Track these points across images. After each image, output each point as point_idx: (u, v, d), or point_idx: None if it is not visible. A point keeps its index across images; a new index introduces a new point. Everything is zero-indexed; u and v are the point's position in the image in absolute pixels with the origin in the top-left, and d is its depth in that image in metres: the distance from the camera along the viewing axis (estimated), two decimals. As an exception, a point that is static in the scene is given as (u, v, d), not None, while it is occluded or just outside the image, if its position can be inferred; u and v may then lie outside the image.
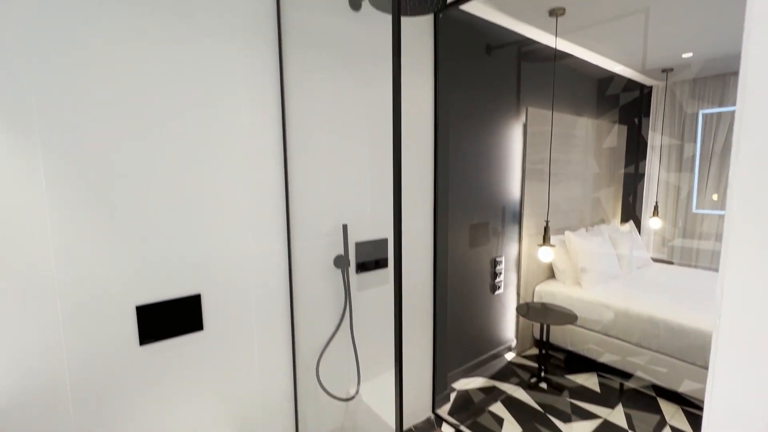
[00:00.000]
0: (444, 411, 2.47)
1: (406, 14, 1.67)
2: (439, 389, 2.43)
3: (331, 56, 1.73)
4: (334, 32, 1.73)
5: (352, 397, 1.97)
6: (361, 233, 1.94)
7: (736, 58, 0.60)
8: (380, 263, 2.04)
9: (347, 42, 1.78)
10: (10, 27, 1.08)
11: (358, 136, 1.87)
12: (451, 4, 2.08)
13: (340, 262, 1.86)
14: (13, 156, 1.10)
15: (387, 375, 2.11)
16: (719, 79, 3.57)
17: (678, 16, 2.45)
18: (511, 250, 3.10)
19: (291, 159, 1.65)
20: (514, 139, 2.96)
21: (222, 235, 1.50)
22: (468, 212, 2.67)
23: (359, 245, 1.93)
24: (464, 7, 2.31)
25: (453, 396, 2.63)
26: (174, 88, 1.35)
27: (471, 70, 2.55)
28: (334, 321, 1.89)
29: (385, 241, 2.04)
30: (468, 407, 2.53)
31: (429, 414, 2.42)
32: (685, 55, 3.20)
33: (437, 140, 2.19)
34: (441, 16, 2.15)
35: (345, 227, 1.82)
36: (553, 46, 2.97)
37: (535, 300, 3.26)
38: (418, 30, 2.06)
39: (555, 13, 2.50)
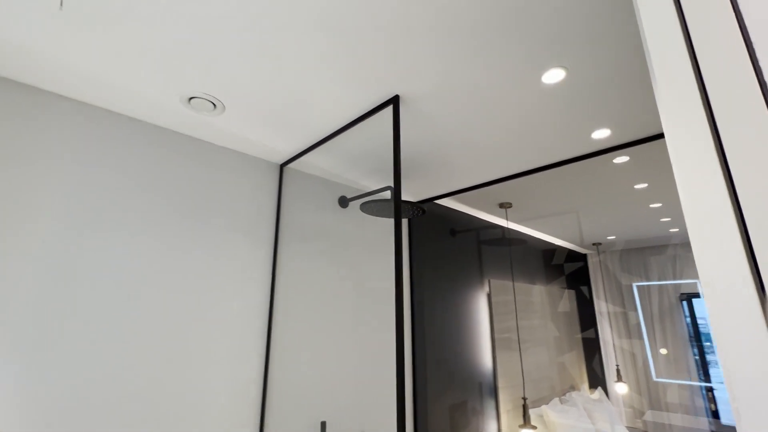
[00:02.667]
0: None
1: (389, 216, 1.93)
2: None
3: (320, 246, 1.89)
4: (325, 226, 1.94)
5: None
6: (338, 429, 1.75)
7: (648, 240, 0.74)
8: (358, 466, 1.79)
9: (335, 234, 1.97)
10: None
11: (343, 323, 1.89)
12: (427, 200, 2.47)
13: (315, 470, 1.61)
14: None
15: None
16: (640, 252, 4.22)
17: (599, 215, 3.04)
18: (490, 429, 2.88)
19: (273, 353, 1.60)
20: (481, 309, 3.11)
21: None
22: (446, 391, 2.55)
23: (336, 445, 1.73)
24: (433, 201, 2.73)
25: None
26: (179, 280, 1.37)
27: (439, 250, 2.85)
28: None
29: (363, 437, 1.84)
30: None
31: None
32: (610, 237, 3.83)
33: (414, 319, 2.25)
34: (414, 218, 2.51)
35: (323, 425, 1.66)
36: (505, 228, 3.46)
37: (523, 494, 2.87)
38: (389, 223, 2.35)
39: (504, 206, 3.01)
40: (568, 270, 4.47)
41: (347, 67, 1.13)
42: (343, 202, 2.06)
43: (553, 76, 1.17)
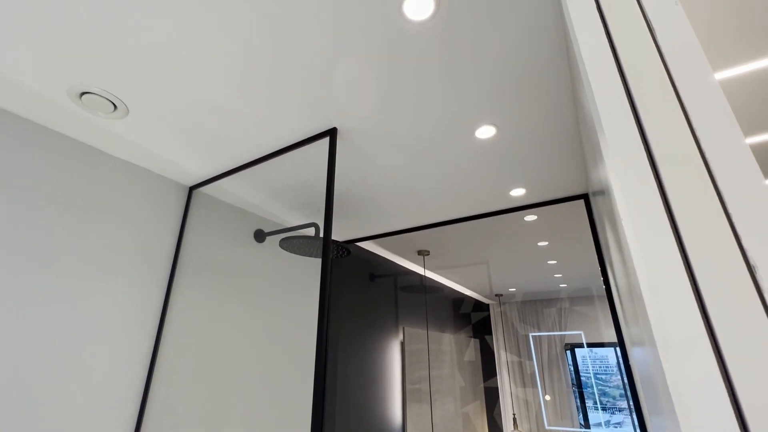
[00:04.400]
0: None
1: (311, 255, 1.80)
2: None
3: (225, 284, 1.64)
4: (234, 261, 1.71)
5: None
6: None
7: (542, 293, 0.76)
8: None
9: (246, 271, 1.75)
10: None
11: (249, 374, 1.62)
12: (349, 241, 2.38)
13: None
14: None
15: None
16: (533, 305, 4.64)
17: (506, 267, 3.29)
18: (396, 494, 2.68)
19: (149, 411, 1.27)
20: (394, 358, 3.01)
21: None
22: (353, 451, 2.33)
23: None
24: (353, 244, 2.66)
25: None
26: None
27: (357, 294, 2.74)
28: None
29: None
30: None
31: None
32: (511, 289, 4.16)
33: (325, 367, 2.06)
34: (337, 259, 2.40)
35: None
36: (423, 275, 3.52)
37: None
38: (310, 263, 2.21)
39: (422, 253, 3.08)
40: (475, 319, 4.69)
41: (282, 87, 1.04)
42: (260, 236, 1.87)
43: (485, 132, 1.24)
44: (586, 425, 4.19)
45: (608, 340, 4.26)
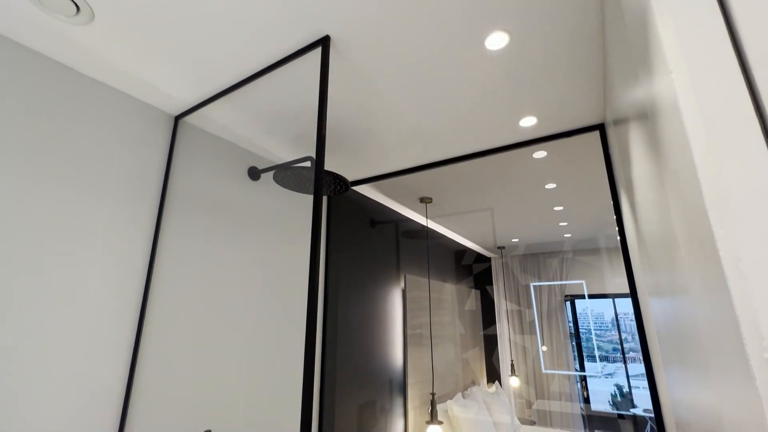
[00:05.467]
0: None
1: (308, 192, 1.71)
2: None
3: (217, 222, 1.58)
4: (227, 198, 1.63)
5: None
6: (228, 439, 1.46)
7: (545, 245, 0.69)
8: (249, 481, 1.51)
9: (239, 209, 1.68)
10: None
11: (235, 314, 1.60)
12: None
13: (192, 492, 1.30)
14: None
15: None
16: (535, 258, 4.63)
17: (510, 215, 3.22)
18: (397, 428, 2.80)
19: (144, 350, 1.25)
20: (395, 304, 3.03)
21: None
22: (356, 390, 2.39)
23: (223, 458, 1.43)
24: (353, 187, 2.57)
25: None
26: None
27: (358, 240, 2.69)
28: None
29: (258, 446, 1.57)
30: None
31: None
32: (514, 240, 4.12)
33: (327, 311, 2.05)
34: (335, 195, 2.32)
35: (207, 435, 1.35)
36: (425, 225, 3.46)
37: (425, 491, 2.85)
38: (308, 202, 2.13)
39: (424, 200, 2.99)
40: (476, 270, 4.71)
41: (269, -19, 0.90)
42: (254, 173, 1.78)
43: (497, 40, 1.10)
44: (583, 379, 4.32)
45: (611, 291, 4.27)
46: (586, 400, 4.23)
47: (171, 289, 1.36)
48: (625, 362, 4.56)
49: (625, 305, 4.56)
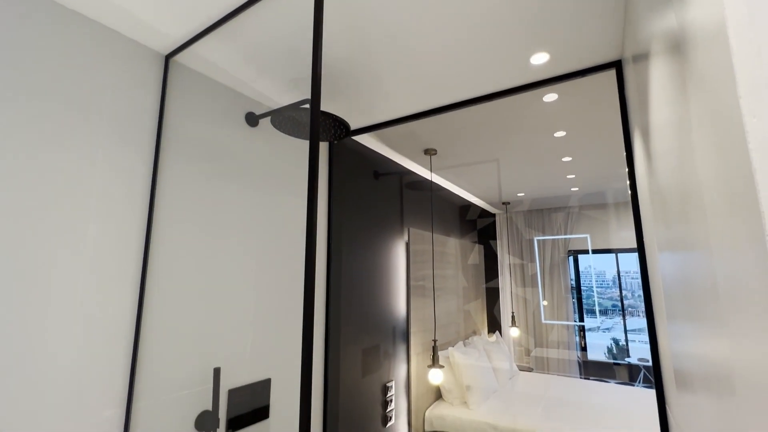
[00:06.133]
0: None
1: (307, 137, 1.66)
2: None
3: (216, 169, 1.55)
4: (225, 145, 1.59)
5: None
6: (237, 377, 1.53)
7: (551, 199, 0.67)
8: (259, 414, 1.60)
9: (239, 157, 1.64)
10: None
11: (240, 256, 1.61)
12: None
13: (205, 421, 1.38)
14: None
15: None
16: (540, 213, 4.61)
17: (516, 167, 3.15)
18: (400, 371, 2.94)
19: (150, 289, 1.27)
20: (399, 256, 3.07)
21: (18, 396, 0.95)
22: (360, 335, 2.48)
23: (233, 393, 1.51)
24: (355, 136, 2.50)
25: None
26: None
27: (361, 192, 2.67)
28: None
29: (267, 383, 1.65)
30: None
31: None
32: (520, 194, 4.07)
33: (330, 260, 2.07)
34: (336, 142, 2.25)
35: (217, 372, 1.41)
36: (429, 179, 3.41)
37: (426, 428, 3.04)
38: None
39: (429, 152, 2.92)
40: (480, 225, 4.71)
41: None
42: (252, 119, 1.72)
43: (510, -42, 0.99)
44: (581, 329, 4.44)
45: (615, 246, 4.27)
46: (583, 349, 4.38)
47: (172, 233, 1.36)
48: (624, 318, 4.66)
49: (628, 262, 4.58)
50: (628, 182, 1.46)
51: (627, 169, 1.46)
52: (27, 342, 0.99)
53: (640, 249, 1.39)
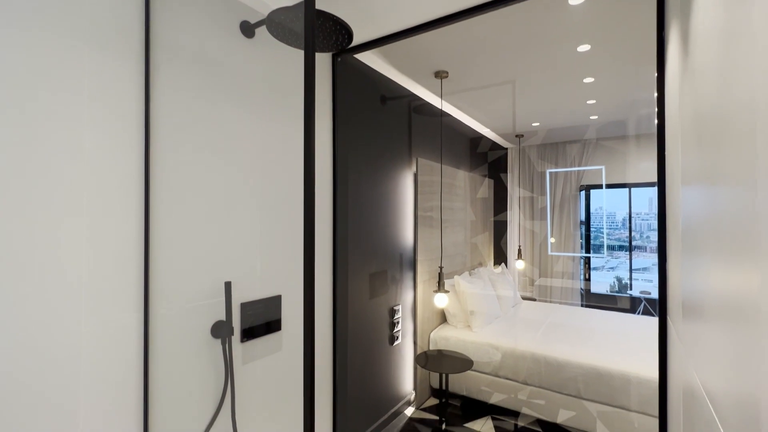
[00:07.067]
0: (346, 495, 2.12)
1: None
2: (340, 468, 2.09)
3: (218, 84, 1.46)
4: (222, 59, 1.48)
5: None
6: (248, 292, 1.60)
7: (565, 130, 0.61)
8: (272, 326, 1.70)
9: (237, 71, 1.54)
10: None
11: (246, 176, 1.59)
12: (348, 50, 2.06)
13: (221, 330, 1.47)
14: None
15: (279, 469, 1.70)
16: (555, 147, 4.44)
17: (533, 91, 2.95)
18: (407, 297, 3.06)
19: (154, 203, 1.27)
20: (406, 186, 3.03)
21: (30, 306, 1.00)
22: (367, 261, 2.54)
23: (246, 306, 1.58)
24: (360, 57, 2.33)
25: (354, 473, 2.30)
26: (-41, 91, 0.90)
27: (367, 117, 2.56)
28: (210, 407, 1.45)
29: (278, 299, 1.72)
30: (372, 484, 2.23)
31: (329, 504, 2.04)
32: (534, 124, 3.88)
33: (336, 186, 2.05)
34: (339, 59, 2.11)
35: (228, 285, 1.47)
36: (439, 106, 3.24)
37: (431, 347, 3.24)
38: (318, 68, 1.96)
39: (440, 75, 2.73)
40: (491, 158, 4.58)
41: None
42: (247, 29, 1.59)
43: None
44: (587, 260, 4.48)
45: (631, 180, 4.14)
46: (587, 279, 4.47)
47: (171, 150, 1.33)
48: (630, 257, 4.67)
49: (641, 201, 4.45)
50: (655, 108, 1.34)
51: (656, 93, 1.33)
52: (39, 257, 1.01)
53: (661, 182, 1.32)
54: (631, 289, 4.74)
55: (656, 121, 1.33)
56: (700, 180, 0.78)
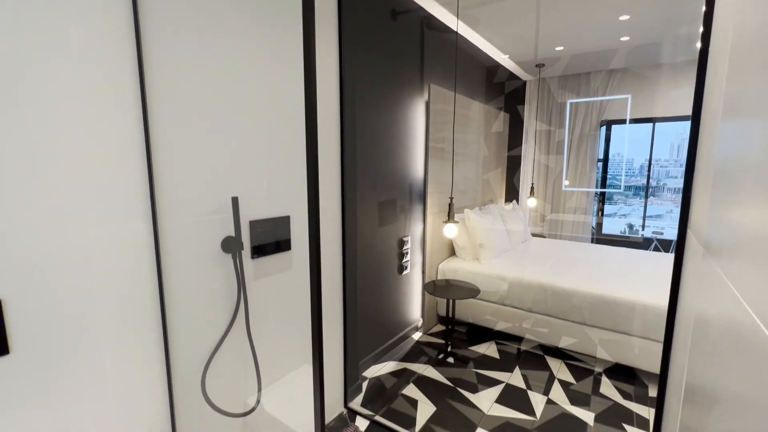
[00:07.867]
0: (356, 403, 2.29)
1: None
2: (351, 381, 2.24)
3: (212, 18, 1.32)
4: (212, -54, 1.33)
5: (252, 410, 1.63)
6: (256, 210, 1.59)
7: (592, 55, 0.49)
8: (281, 245, 1.72)
9: (230, -36, 1.39)
10: None
11: (250, 96, 1.50)
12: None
13: (231, 245, 1.48)
14: None
15: (294, 376, 1.82)
16: (577, 77, 4.13)
17: (561, 4, 2.66)
18: (416, 229, 3.06)
19: (154, 114, 1.21)
20: (418, 115, 2.89)
21: (44, 215, 1.00)
22: (376, 189, 2.50)
23: (255, 224, 1.58)
24: (368, -40, 2.09)
25: (365, 386, 2.47)
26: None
27: (377, 35, 2.36)
28: (224, 319, 1.51)
29: (286, 220, 1.72)
30: (381, 394, 2.40)
31: (341, 410, 2.21)
32: (558, 48, 3.57)
33: (343, 109, 1.94)
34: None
35: (235, 200, 1.46)
36: (454, 27, 2.98)
37: (439, 278, 3.32)
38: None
39: (456, -15, 2.47)
40: (509, 89, 4.32)
41: None
42: None
43: None
44: (601, 200, 4.36)
45: (659, 114, 3.87)
46: (601, 213, 4.39)
47: (168, 73, 1.24)
48: (645, 204, 4.52)
49: (662, 145, 4.18)
50: (699, 27, 1.16)
51: (705, 6, 1.14)
52: (42, 161, 0.98)
53: (695, 115, 1.18)
54: (643, 230, 4.67)
55: (699, 44, 1.17)
56: (748, 112, 0.67)
